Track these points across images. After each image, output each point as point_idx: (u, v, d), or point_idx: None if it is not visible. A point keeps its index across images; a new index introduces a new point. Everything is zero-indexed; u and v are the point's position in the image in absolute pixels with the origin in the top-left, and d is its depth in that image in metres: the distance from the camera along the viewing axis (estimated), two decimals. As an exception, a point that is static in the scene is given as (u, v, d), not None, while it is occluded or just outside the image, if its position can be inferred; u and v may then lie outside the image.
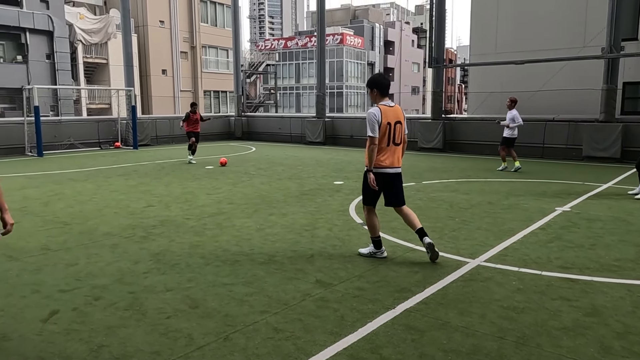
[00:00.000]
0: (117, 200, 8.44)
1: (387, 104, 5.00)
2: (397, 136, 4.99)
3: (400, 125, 5.01)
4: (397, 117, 4.99)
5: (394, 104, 5.04)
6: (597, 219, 6.93)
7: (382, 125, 4.87)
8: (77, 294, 4.27)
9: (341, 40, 53.77)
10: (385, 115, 4.89)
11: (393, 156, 5.01)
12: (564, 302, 4.06)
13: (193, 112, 14.31)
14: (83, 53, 30.45)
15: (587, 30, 16.72)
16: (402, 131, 5.04)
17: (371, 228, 5.23)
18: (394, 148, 5.01)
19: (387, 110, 4.94)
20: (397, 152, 5.05)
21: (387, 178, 5.05)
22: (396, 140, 5.00)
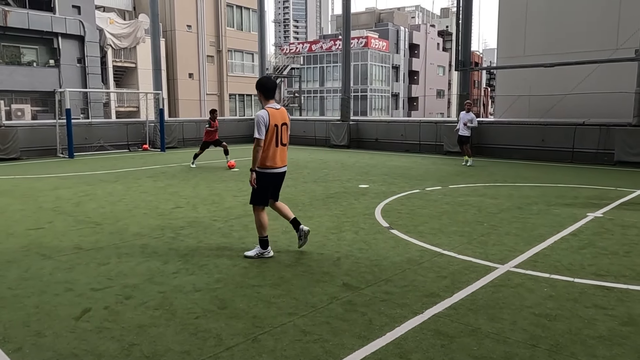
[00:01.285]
0: (147, 202, 8.58)
1: (273, 106, 5.19)
2: (283, 137, 5.26)
3: (286, 127, 5.28)
4: (283, 119, 5.24)
5: (279, 106, 5.27)
6: (632, 226, 6.74)
7: (269, 128, 5.09)
8: (108, 293, 4.35)
9: (366, 43, 53.68)
10: (273, 118, 5.11)
11: (280, 156, 5.28)
12: (599, 311, 3.95)
13: (213, 120, 13.77)
14: (113, 57, 31.14)
15: (620, 31, 16.30)
16: (287, 133, 5.33)
17: (260, 228, 5.34)
18: (282, 149, 5.27)
19: (275, 113, 5.15)
20: (284, 152, 5.33)
21: (276, 177, 5.38)
22: (283, 141, 5.27)
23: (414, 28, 63.95)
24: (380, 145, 19.46)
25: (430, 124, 18.79)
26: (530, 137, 15.85)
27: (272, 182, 5.37)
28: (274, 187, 5.46)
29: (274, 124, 5.12)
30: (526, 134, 16.01)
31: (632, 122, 13.94)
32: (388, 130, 19.84)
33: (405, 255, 5.43)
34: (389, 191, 9.56)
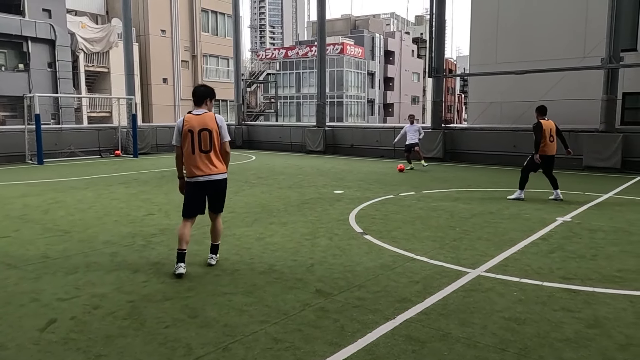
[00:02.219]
0: (118, 209, 8.42)
1: (194, 112, 5.05)
2: (203, 144, 4.94)
3: (207, 133, 4.92)
4: (204, 124, 4.93)
5: (202, 112, 5.02)
6: (599, 229, 6.91)
7: (183, 133, 4.97)
8: (75, 303, 4.24)
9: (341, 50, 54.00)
10: (187, 123, 4.96)
11: (202, 164, 4.96)
12: (566, 314, 4.03)
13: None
14: (84, 62, 30.57)
15: (587, 41, 16.79)
16: (210, 138, 4.94)
17: (179, 239, 5.02)
18: (203, 156, 4.95)
19: (191, 118, 4.98)
20: (208, 159, 4.96)
21: (197, 187, 5.04)
22: (203, 148, 4.94)
23: (389, 35, 64.66)
24: (356, 151, 19.57)
25: (404, 130, 18.96)
26: (503, 143, 16.15)
27: (195, 191, 5.04)
28: (198, 198, 5.07)
29: (188, 129, 4.93)
30: (498, 139, 16.31)
31: (599, 128, 14.34)
32: (364, 136, 19.97)
33: (379, 260, 5.45)
34: (364, 197, 9.60)
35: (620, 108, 15.98)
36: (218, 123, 5.01)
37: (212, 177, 5.01)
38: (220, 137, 5.02)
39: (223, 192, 5.18)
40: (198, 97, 5.11)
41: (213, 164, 4.99)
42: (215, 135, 4.97)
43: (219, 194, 5.14)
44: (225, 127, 5.08)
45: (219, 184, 5.08)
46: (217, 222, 5.28)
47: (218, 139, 5.01)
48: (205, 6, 36.39)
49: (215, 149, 5.01)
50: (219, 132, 5.00)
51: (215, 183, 5.05)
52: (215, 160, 5.01)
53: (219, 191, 5.13)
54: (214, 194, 5.12)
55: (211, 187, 5.06)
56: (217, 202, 5.18)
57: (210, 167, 4.99)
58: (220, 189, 5.13)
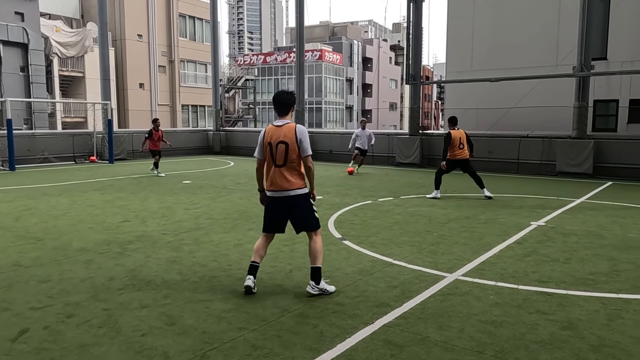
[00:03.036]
0: (93, 215, 8.27)
1: (276, 123, 4.66)
2: (278, 158, 4.55)
3: (284, 146, 4.51)
4: (282, 137, 4.53)
5: (283, 122, 4.61)
6: (572, 234, 7.06)
7: (264, 146, 4.64)
8: (49, 312, 4.15)
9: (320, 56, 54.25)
10: (267, 136, 4.62)
11: (276, 179, 4.58)
12: (541, 316, 4.10)
13: (156, 129, 14.31)
14: (59, 66, 30.04)
15: (559, 49, 17.24)
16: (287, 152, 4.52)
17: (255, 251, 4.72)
18: (277, 170, 4.58)
19: (271, 131, 4.63)
20: (281, 175, 4.56)
21: (271, 201, 4.69)
22: (277, 162, 4.56)
23: (367, 42, 65.23)
24: (335, 157, 19.61)
25: (382, 136, 19.12)
26: (478, 149, 16.34)
27: (270, 206, 4.69)
28: (274, 214, 4.68)
29: (268, 142, 4.59)
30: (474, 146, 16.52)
31: (571, 134, 14.69)
32: (342, 142, 20.02)
33: (357, 265, 5.47)
34: (343, 202, 9.63)
35: (591, 115, 16.41)
36: (297, 136, 4.52)
37: (285, 194, 4.58)
38: (300, 152, 4.54)
39: (301, 208, 4.63)
40: (281, 106, 4.66)
41: (286, 179, 4.55)
42: (291, 149, 4.51)
43: (295, 210, 4.63)
44: (306, 139, 4.57)
45: (292, 200, 4.59)
46: (310, 242, 4.66)
47: (296, 152, 4.53)
48: (182, 11, 36.17)
49: (291, 163, 4.55)
50: (297, 146, 4.54)
51: (287, 199, 4.59)
52: (288, 175, 4.55)
53: (294, 207, 4.62)
54: (290, 210, 4.63)
55: (284, 203, 4.61)
56: (297, 219, 4.67)
57: (283, 183, 4.56)
58: (294, 205, 4.61)
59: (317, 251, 4.59)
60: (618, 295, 4.59)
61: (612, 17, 16.95)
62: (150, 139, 14.33)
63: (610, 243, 6.55)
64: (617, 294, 4.63)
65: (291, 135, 4.52)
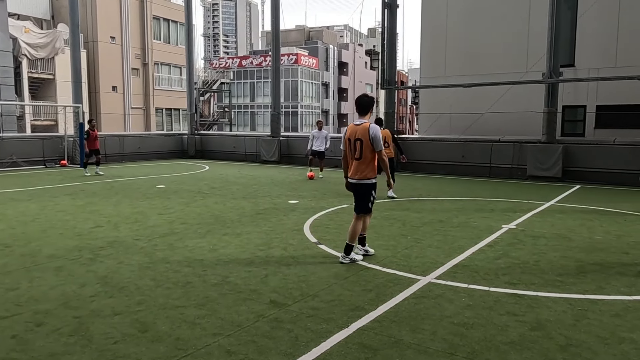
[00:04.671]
0: (63, 221, 8.11)
1: (355, 122, 5.76)
2: (356, 152, 5.66)
3: (359, 142, 5.61)
4: (359, 134, 5.61)
5: (361, 122, 5.69)
6: (541, 236, 7.24)
7: (344, 141, 5.82)
8: (17, 320, 4.05)
9: (296, 60, 54.33)
10: (348, 132, 5.77)
11: (354, 168, 5.75)
12: (511, 317, 4.20)
13: (92, 129, 15.36)
14: (28, 68, 29.30)
15: (529, 56, 17.66)
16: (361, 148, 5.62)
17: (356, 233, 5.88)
18: (354, 162, 5.72)
19: (351, 129, 5.75)
20: (356, 166, 5.69)
21: (350, 187, 5.92)
22: (355, 155, 5.68)
23: (343, 47, 65.65)
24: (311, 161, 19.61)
25: (358, 140, 19.24)
26: (452, 153, 16.66)
27: (351, 190, 5.92)
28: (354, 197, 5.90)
29: (347, 138, 5.75)
30: (448, 150, 16.81)
31: (541, 139, 15.05)
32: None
33: (332, 270, 5.50)
34: (318, 207, 9.66)
35: (560, 120, 16.85)
36: (370, 134, 5.59)
37: (354, 181, 5.78)
38: (373, 147, 5.62)
39: (363, 195, 5.77)
40: (362, 107, 5.75)
41: (359, 170, 5.69)
42: (365, 145, 5.60)
43: (359, 196, 5.81)
44: (377, 137, 5.62)
45: (359, 187, 5.77)
46: (354, 220, 5.80)
47: (369, 148, 5.61)
48: (157, 13, 35.74)
49: (366, 157, 5.64)
50: (370, 143, 5.57)
51: (356, 186, 5.79)
52: (362, 167, 5.67)
53: (359, 193, 5.80)
54: (357, 195, 5.83)
55: (354, 189, 5.83)
56: (357, 202, 5.85)
57: (357, 173, 5.72)
58: (360, 192, 5.79)
59: (355, 231, 5.74)
60: (585, 296, 4.73)
61: (579, 26, 17.46)
62: (88, 140, 15.35)
63: (578, 245, 6.74)
64: (584, 294, 4.78)
65: (365, 134, 5.60)
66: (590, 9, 16.87)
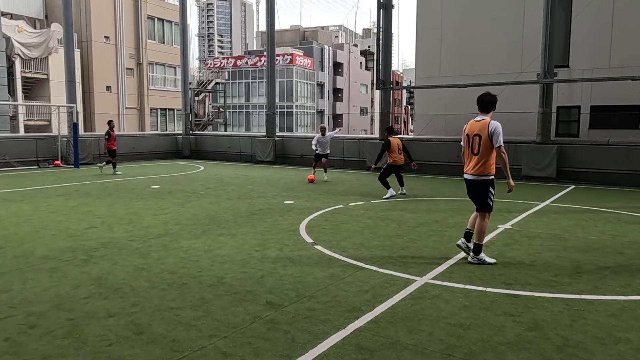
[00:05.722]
0: (57, 222, 8.04)
1: (475, 118, 5.81)
2: (474, 147, 5.72)
3: (477, 138, 5.66)
4: (477, 130, 5.68)
5: (481, 118, 5.75)
6: (537, 236, 7.25)
7: (463, 137, 5.88)
8: (10, 323, 4.00)
9: (291, 60, 54.29)
10: (467, 128, 5.85)
11: (469, 164, 5.80)
12: (508, 318, 4.19)
13: (112, 130, 15.78)
14: (21, 67, 29.13)
15: (523, 57, 17.70)
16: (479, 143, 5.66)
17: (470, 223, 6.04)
18: (471, 157, 5.76)
19: (471, 124, 5.81)
20: (472, 161, 5.75)
21: (465, 182, 5.94)
22: (473, 151, 5.73)
23: (338, 47, 65.67)
24: (306, 161, 19.59)
25: (353, 140, 19.25)
26: (447, 153, 16.65)
27: (467, 186, 5.91)
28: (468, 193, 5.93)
29: (466, 133, 5.79)
30: (443, 150, 16.82)
31: (536, 139, 15.09)
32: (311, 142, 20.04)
33: (329, 270, 5.48)
34: (314, 207, 9.63)
35: (554, 120, 16.90)
36: (490, 130, 5.60)
37: (468, 177, 5.80)
38: (492, 143, 5.60)
39: (479, 192, 5.78)
40: (484, 105, 5.82)
41: (476, 166, 5.69)
42: (484, 140, 5.61)
43: (474, 192, 5.82)
44: (498, 133, 5.59)
45: (473, 184, 5.79)
46: (478, 219, 5.80)
47: (488, 144, 5.61)
48: (151, 13, 35.60)
49: (483, 153, 5.63)
50: (489, 139, 5.58)
51: (470, 182, 5.82)
52: (478, 163, 5.67)
53: (474, 190, 5.82)
54: (472, 191, 5.85)
55: (469, 185, 5.85)
56: (475, 200, 5.86)
57: (473, 168, 5.72)
58: (476, 189, 5.80)
59: (480, 230, 5.75)
60: (581, 296, 4.73)
61: (573, 26, 17.52)
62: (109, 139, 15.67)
63: (573, 245, 6.76)
64: (580, 294, 4.78)
65: (484, 129, 5.63)
66: (585, 10, 16.93)
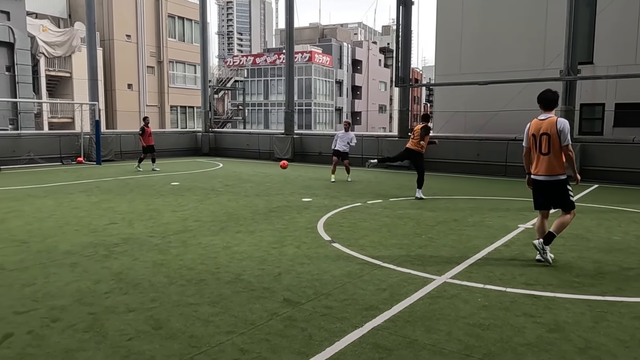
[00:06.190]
0: (79, 218, 8.18)
1: (539, 117, 5.66)
2: (542, 147, 5.55)
3: (546, 137, 5.50)
4: (545, 129, 5.52)
5: (546, 117, 5.60)
6: (559, 236, 7.08)
7: (528, 136, 5.71)
8: (33, 316, 4.09)
9: (310, 58, 54.26)
10: (531, 127, 5.68)
11: (539, 164, 5.61)
12: (528, 319, 4.13)
13: (146, 126, 16.23)
14: (46, 66, 29.71)
15: (546, 53, 17.40)
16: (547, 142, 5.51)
17: (536, 230, 5.88)
18: (541, 157, 5.59)
19: (535, 123, 5.66)
20: (544, 161, 5.56)
21: (536, 183, 5.74)
22: (542, 150, 5.56)
23: (357, 44, 65.38)
24: (324, 159, 19.58)
25: (372, 138, 19.17)
26: (467, 151, 16.51)
27: (535, 187, 5.74)
28: (539, 194, 5.71)
29: (532, 133, 5.63)
30: (463, 148, 16.66)
31: (558, 138, 14.81)
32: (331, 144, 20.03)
33: (346, 268, 5.46)
34: (332, 205, 9.62)
35: (578, 118, 16.58)
36: (558, 127, 5.47)
37: (542, 178, 5.62)
38: (561, 141, 5.47)
39: (557, 192, 5.62)
40: (547, 102, 5.66)
41: (548, 166, 5.54)
42: (553, 139, 5.47)
43: (554, 193, 5.63)
44: (566, 131, 5.47)
45: (549, 185, 5.61)
46: (563, 214, 5.70)
47: (557, 142, 5.47)
48: (172, 12, 35.97)
49: (554, 151, 5.49)
50: (558, 136, 5.44)
51: (545, 184, 5.62)
52: (550, 163, 5.53)
53: (551, 191, 5.64)
54: (551, 192, 5.65)
55: (545, 186, 5.64)
56: (555, 200, 5.70)
57: (546, 169, 5.56)
58: (552, 189, 5.62)
59: (563, 224, 5.65)
60: (603, 298, 4.63)
61: (598, 22, 17.16)
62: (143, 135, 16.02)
63: (596, 246, 6.62)
64: (603, 296, 4.68)
65: (552, 127, 5.49)
66: (610, 5, 16.56)
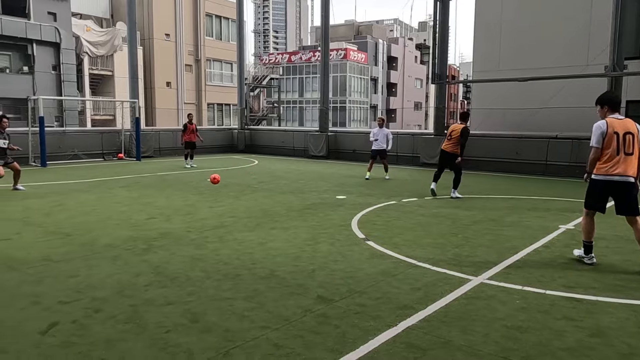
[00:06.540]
0: (119, 212, 8.43)
1: (615, 117, 5.56)
2: (627, 147, 5.37)
3: (631, 136, 5.38)
4: (626, 128, 5.42)
5: (622, 117, 5.57)
6: (601, 238, 6.87)
7: (607, 135, 5.40)
8: (76, 306, 4.24)
9: (345, 55, 54.14)
10: (611, 126, 5.43)
11: (623, 165, 5.34)
12: (569, 322, 4.01)
13: (190, 122, 16.15)
14: (89, 65, 30.75)
15: (590, 48, 16.79)
16: (633, 142, 5.39)
17: (584, 231, 5.63)
18: (625, 157, 5.35)
19: (614, 122, 5.48)
20: (628, 161, 5.35)
21: (610, 185, 5.42)
22: (627, 150, 5.37)
23: (392, 41, 64.81)
24: (359, 157, 19.53)
25: (407, 136, 18.98)
26: (505, 149, 16.13)
27: (606, 189, 5.45)
28: (616, 197, 5.45)
29: (615, 131, 5.40)
30: (501, 146, 16.29)
31: (602, 136, 14.29)
32: (366, 142, 19.90)
33: (380, 267, 5.44)
34: (366, 202, 9.59)
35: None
36: (638, 128, 5.47)
37: (625, 179, 5.36)
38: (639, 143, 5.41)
39: (634, 194, 5.41)
40: (615, 104, 5.75)
41: (631, 167, 5.37)
42: (636, 139, 5.41)
43: (628, 195, 5.40)
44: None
45: (629, 186, 5.38)
46: (636, 225, 5.43)
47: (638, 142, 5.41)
48: (209, 11, 36.57)
49: (636, 153, 5.39)
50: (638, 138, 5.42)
51: (626, 185, 5.37)
52: (633, 163, 5.37)
53: (628, 193, 5.39)
54: (622, 194, 5.41)
55: (620, 187, 5.39)
56: (628, 204, 5.41)
57: (627, 170, 5.36)
58: (629, 192, 5.39)
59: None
60: (650, 303, 4.45)
61: (646, 15, 16.42)
62: (186, 132, 16.04)
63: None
64: (649, 301, 4.50)
65: (634, 128, 5.46)
66: (659, -3, 15.83)
